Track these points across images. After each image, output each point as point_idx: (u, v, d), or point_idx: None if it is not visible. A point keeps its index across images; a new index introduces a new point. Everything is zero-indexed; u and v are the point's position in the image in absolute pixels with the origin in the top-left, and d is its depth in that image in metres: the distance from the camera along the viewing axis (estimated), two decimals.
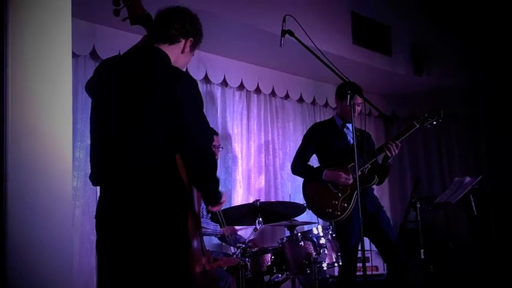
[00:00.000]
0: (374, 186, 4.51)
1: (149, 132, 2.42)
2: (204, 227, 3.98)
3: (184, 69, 2.77)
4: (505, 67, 6.47)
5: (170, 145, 2.44)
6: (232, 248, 4.61)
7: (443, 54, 6.72)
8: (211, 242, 4.96)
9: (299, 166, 4.65)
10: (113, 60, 2.69)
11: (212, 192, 2.61)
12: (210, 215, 4.23)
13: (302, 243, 4.04)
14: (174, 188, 2.43)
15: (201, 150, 2.49)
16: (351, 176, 4.31)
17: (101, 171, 2.52)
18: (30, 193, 2.67)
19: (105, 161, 2.48)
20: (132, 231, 2.38)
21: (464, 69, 6.75)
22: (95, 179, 2.58)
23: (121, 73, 2.54)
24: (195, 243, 2.45)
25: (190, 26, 2.66)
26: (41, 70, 2.78)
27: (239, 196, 5.72)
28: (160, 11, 2.68)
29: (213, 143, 4.47)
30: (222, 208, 2.81)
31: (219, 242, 4.99)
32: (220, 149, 4.71)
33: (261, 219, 4.10)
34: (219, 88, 5.73)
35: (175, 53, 2.64)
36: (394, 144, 4.33)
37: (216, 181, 2.58)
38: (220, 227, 2.82)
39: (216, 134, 4.71)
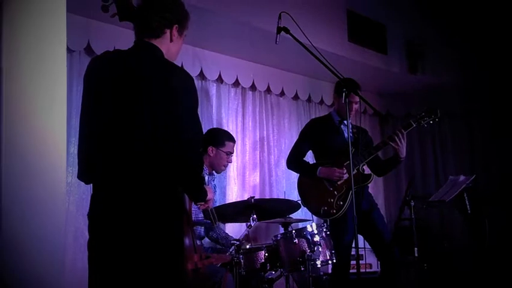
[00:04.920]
0: (369, 184, 4.52)
1: (145, 130, 2.37)
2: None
3: (178, 57, 2.69)
4: (500, 65, 6.48)
5: (166, 143, 2.40)
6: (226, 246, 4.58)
7: (438, 53, 6.73)
8: (205, 240, 4.94)
9: (294, 161, 4.68)
10: (105, 57, 2.59)
11: (196, 189, 2.54)
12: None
13: (296, 240, 4.03)
14: (168, 186, 2.40)
15: (188, 145, 2.41)
16: (344, 170, 4.33)
17: (95, 169, 2.45)
18: (24, 188, 2.66)
19: (100, 159, 2.42)
20: (126, 229, 2.35)
21: (459, 67, 6.77)
22: (87, 176, 2.50)
23: (114, 70, 2.47)
24: (186, 241, 2.44)
25: (170, 14, 2.56)
26: (36, 65, 2.78)
27: (234, 193, 5.70)
28: (138, 4, 2.56)
29: (228, 150, 4.52)
30: (213, 206, 2.79)
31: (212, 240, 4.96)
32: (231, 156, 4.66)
33: (255, 216, 4.09)
34: (214, 85, 5.72)
35: (165, 44, 2.57)
36: (399, 134, 4.33)
37: (200, 178, 2.51)
38: (213, 224, 2.79)
39: (234, 141, 4.68)
